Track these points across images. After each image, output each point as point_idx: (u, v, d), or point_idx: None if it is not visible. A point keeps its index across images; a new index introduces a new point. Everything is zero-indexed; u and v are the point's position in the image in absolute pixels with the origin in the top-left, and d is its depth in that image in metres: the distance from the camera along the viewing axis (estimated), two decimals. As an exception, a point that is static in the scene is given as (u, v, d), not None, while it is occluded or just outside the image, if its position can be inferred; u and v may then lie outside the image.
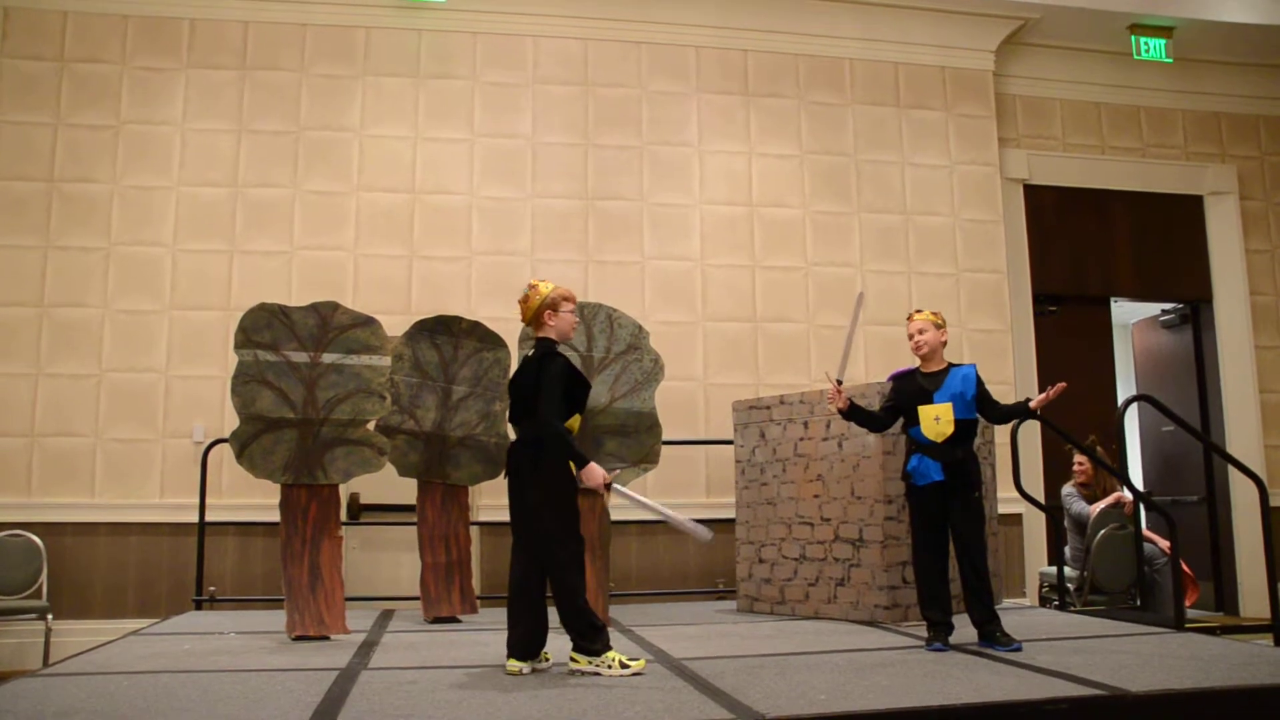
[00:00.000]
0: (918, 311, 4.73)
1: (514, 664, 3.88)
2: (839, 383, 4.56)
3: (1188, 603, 6.16)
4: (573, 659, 3.86)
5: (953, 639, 4.47)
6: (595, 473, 3.87)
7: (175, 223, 7.08)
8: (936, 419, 4.50)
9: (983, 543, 4.58)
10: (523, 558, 3.99)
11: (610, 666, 3.79)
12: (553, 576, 3.92)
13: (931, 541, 4.57)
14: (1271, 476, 8.36)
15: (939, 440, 4.50)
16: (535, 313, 4.09)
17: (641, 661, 3.89)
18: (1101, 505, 6.92)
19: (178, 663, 4.14)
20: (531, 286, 4.15)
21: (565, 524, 3.92)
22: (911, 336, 4.65)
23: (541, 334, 4.08)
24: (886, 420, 4.74)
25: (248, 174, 7.21)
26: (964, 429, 4.53)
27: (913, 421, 4.58)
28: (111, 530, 6.72)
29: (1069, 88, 8.70)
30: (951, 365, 4.65)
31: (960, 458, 4.52)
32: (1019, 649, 4.30)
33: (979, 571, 4.48)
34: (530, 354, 4.09)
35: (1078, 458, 7.19)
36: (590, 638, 3.85)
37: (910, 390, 4.62)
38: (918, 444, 4.57)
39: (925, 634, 4.57)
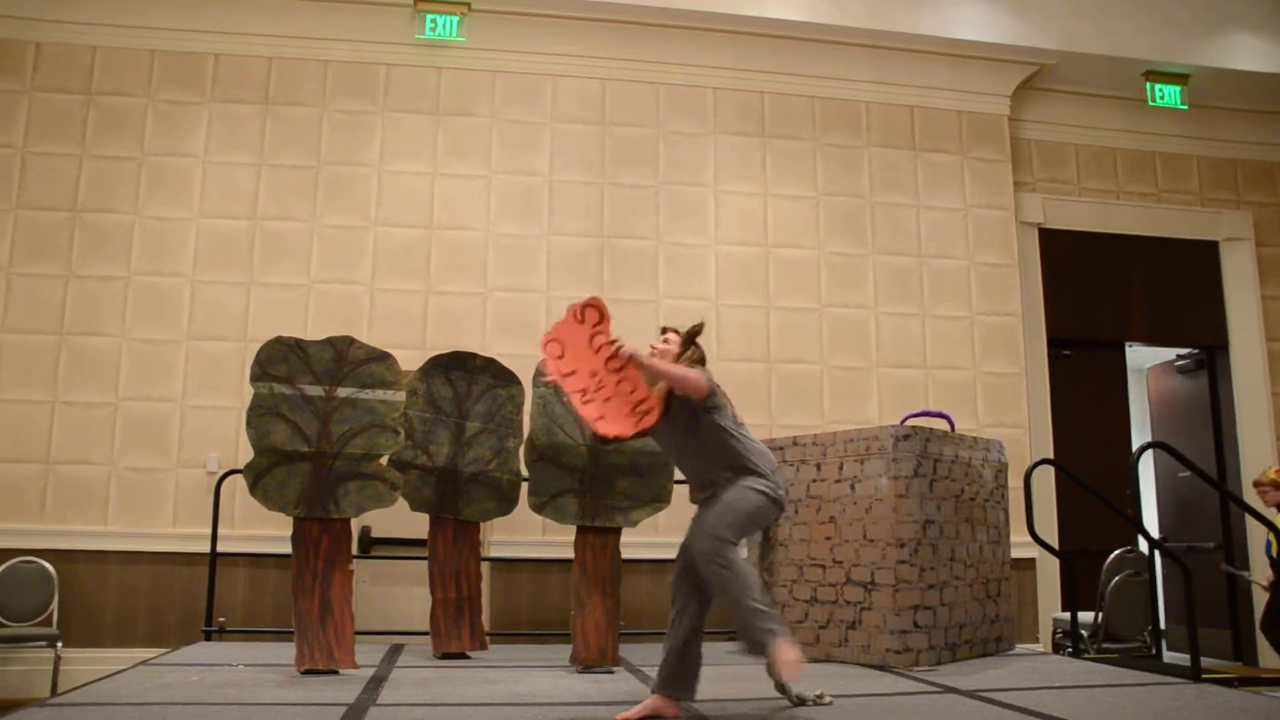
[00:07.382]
0: None
1: None
2: None
3: None
4: None
5: (963, 685, 4.44)
6: None
7: (194, 254, 7.15)
8: None
9: None
10: None
11: None
12: None
13: None
14: (1288, 525, 8.29)
15: None
16: None
17: None
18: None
19: (186, 694, 4.13)
20: None
21: None
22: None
23: None
24: None
25: (267, 207, 7.28)
26: None
27: None
28: (123, 558, 6.73)
29: (1084, 133, 8.73)
30: None
31: None
32: None
33: None
34: None
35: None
36: None
37: None
38: None
39: (939, 681, 4.55)
